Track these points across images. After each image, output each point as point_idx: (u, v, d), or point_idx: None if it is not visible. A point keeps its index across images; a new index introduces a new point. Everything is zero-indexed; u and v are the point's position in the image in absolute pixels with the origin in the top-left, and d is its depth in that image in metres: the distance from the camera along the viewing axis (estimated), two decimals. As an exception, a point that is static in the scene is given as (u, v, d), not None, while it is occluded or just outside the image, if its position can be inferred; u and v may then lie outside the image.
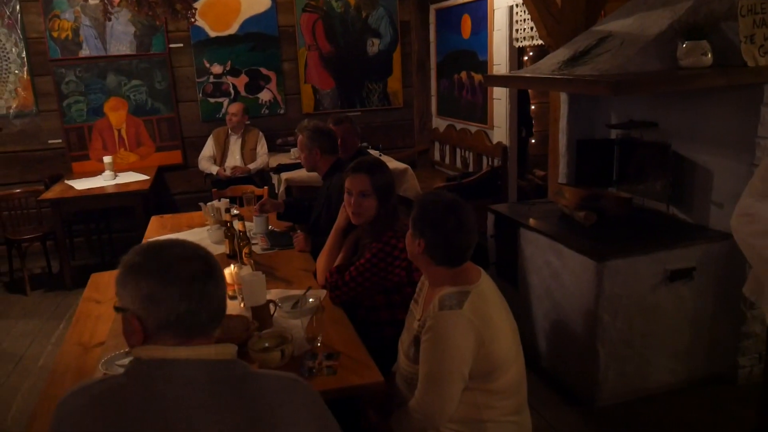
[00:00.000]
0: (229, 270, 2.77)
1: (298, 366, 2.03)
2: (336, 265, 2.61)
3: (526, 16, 4.76)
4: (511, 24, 4.97)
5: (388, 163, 3.95)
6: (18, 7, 5.70)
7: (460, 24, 5.75)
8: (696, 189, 3.25)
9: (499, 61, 5.15)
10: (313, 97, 6.41)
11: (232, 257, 3.14)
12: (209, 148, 5.91)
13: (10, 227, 5.35)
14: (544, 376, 3.40)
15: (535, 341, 3.53)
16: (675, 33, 2.97)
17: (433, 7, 6.35)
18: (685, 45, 2.90)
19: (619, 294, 2.99)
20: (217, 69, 6.15)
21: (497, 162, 5.26)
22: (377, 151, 5.29)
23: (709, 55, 2.88)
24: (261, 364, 1.98)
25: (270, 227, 3.56)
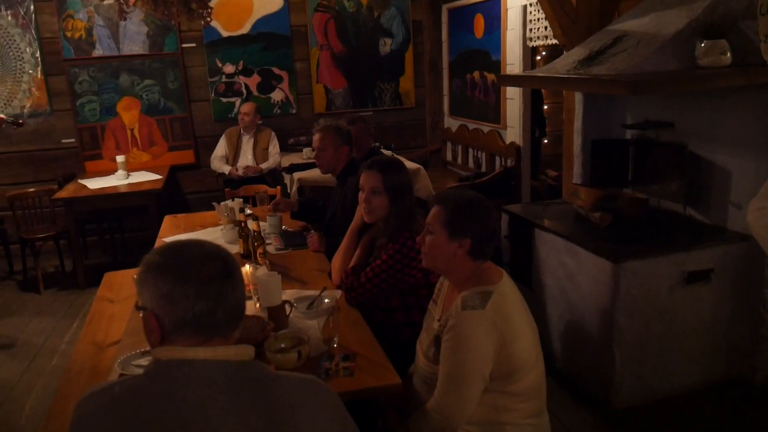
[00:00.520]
0: (244, 270, 2.77)
1: (314, 367, 2.01)
2: (352, 266, 2.60)
3: (539, 16, 4.73)
4: (524, 23, 4.95)
5: (401, 163, 3.94)
6: (32, 7, 5.73)
7: (472, 23, 5.73)
8: (714, 190, 3.21)
9: (513, 60, 5.12)
10: (325, 96, 6.41)
11: (246, 257, 3.13)
12: (221, 148, 5.91)
13: (24, 226, 5.37)
14: (559, 378, 3.38)
15: (550, 343, 3.51)
16: (693, 32, 2.94)
17: (445, 7, 6.33)
18: (703, 44, 2.87)
19: (636, 296, 2.96)
20: (229, 69, 6.16)
21: (510, 162, 5.23)
22: (389, 151, 5.27)
23: (728, 55, 2.85)
24: (277, 365, 1.97)
25: (283, 227, 3.55)
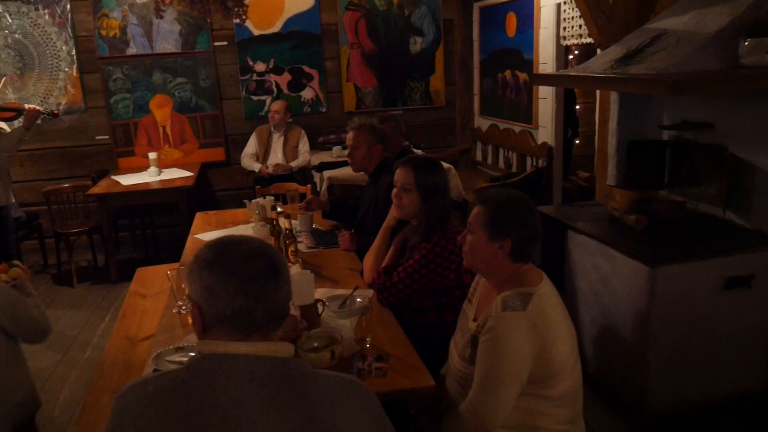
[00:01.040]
0: (276, 268, 2.77)
1: (347, 367, 2.00)
2: (384, 265, 2.58)
3: (574, 14, 4.67)
4: (558, 22, 4.88)
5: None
6: (68, 6, 5.81)
7: (504, 22, 5.67)
8: (755, 193, 3.12)
9: (546, 59, 5.06)
10: (355, 95, 6.40)
11: (278, 255, 3.13)
12: (252, 146, 5.94)
13: (59, 221, 5.46)
14: (591, 383, 3.31)
15: (582, 346, 3.43)
16: (736, 30, 2.86)
17: (476, 5, 6.28)
18: (747, 42, 2.79)
19: (673, 301, 2.90)
20: (260, 67, 6.19)
21: (542, 163, 5.17)
22: (419, 151, 5.25)
23: (773, 54, 2.77)
24: (311, 364, 1.95)
25: (314, 225, 3.55)
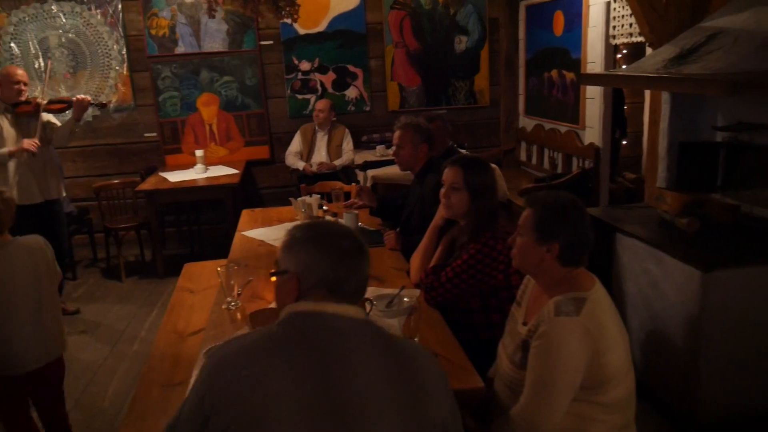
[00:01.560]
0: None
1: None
2: (432, 265, 2.58)
3: (624, 12, 4.58)
4: (607, 20, 4.80)
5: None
6: (120, 6, 5.94)
7: (552, 21, 5.60)
8: (814, 197, 3.03)
9: (594, 58, 4.98)
10: (399, 94, 6.40)
11: (323, 253, 3.15)
12: (296, 144, 5.99)
13: (108, 216, 5.59)
14: (638, 389, 3.22)
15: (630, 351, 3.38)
16: (797, 29, 2.78)
17: (523, 4, 6.21)
18: (809, 42, 2.71)
19: (727, 307, 2.82)
20: (305, 66, 6.23)
21: (588, 163, 5.09)
22: (464, 150, 5.21)
23: (837, 53, 2.68)
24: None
25: (359, 224, 3.56)
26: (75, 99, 4.39)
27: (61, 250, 4.60)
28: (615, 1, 4.68)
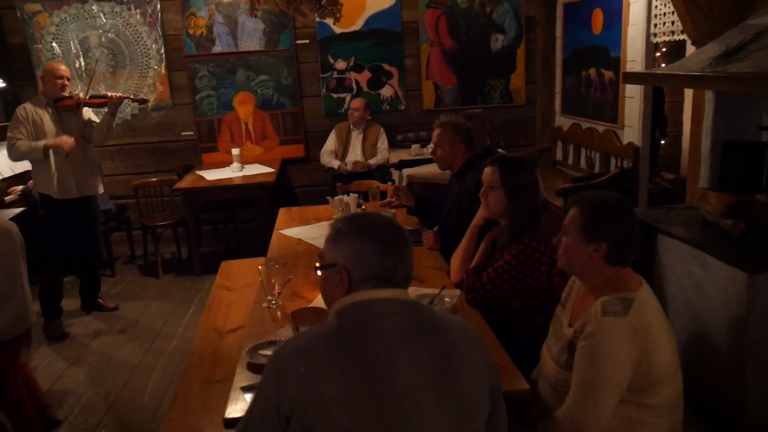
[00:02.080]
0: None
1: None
2: (473, 265, 2.56)
3: (666, 10, 4.49)
4: (648, 18, 4.71)
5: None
6: (158, 6, 6.02)
7: (590, 19, 5.52)
8: None
9: (634, 57, 4.89)
10: (434, 93, 6.38)
11: (362, 252, 3.15)
12: (331, 143, 6.01)
13: (146, 214, 5.67)
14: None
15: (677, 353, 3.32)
16: None
17: (560, 2, 6.14)
18: None
19: (774, 310, 2.75)
20: (340, 65, 6.24)
21: (627, 163, 5.01)
22: (501, 150, 5.17)
23: None
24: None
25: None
26: (110, 95, 4.45)
27: (95, 245, 4.67)
28: (656, -2, 4.60)
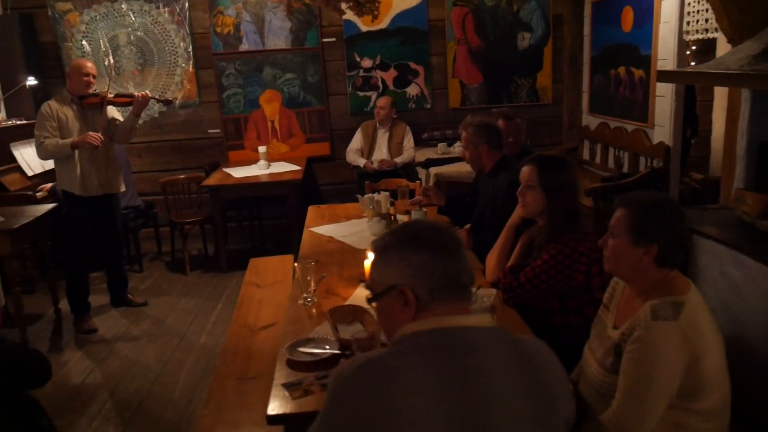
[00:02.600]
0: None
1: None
2: (510, 265, 2.54)
3: (700, 7, 4.43)
4: (681, 15, 4.65)
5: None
6: (186, 4, 6.06)
7: (620, 17, 5.46)
8: None
9: (665, 55, 4.83)
10: (461, 91, 6.35)
11: (394, 250, 3.14)
12: (357, 141, 6.01)
13: (174, 210, 5.70)
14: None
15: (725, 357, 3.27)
16: None
17: (588, 0, 6.08)
18: None
19: (815, 313, 2.71)
20: (367, 63, 6.24)
21: (657, 163, 4.95)
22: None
23: None
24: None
25: (428, 222, 3.54)
26: (136, 95, 4.44)
27: (117, 241, 4.70)
28: (689, -5, 4.54)
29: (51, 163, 5.26)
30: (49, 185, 5.24)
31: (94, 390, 3.68)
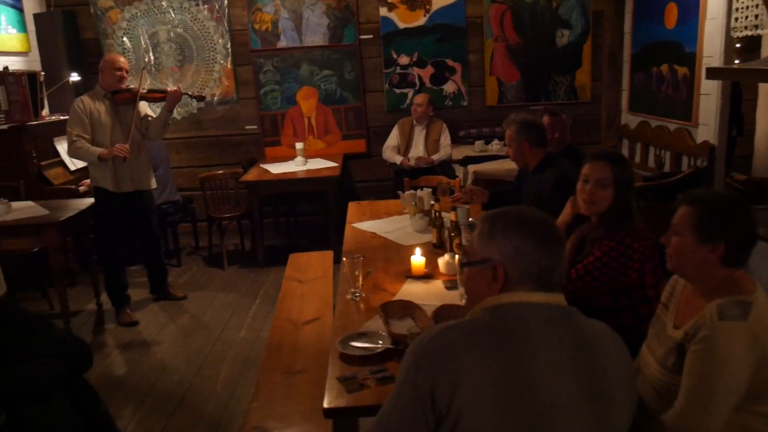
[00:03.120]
0: (444, 260, 2.76)
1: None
2: (561, 262, 2.50)
3: (749, 3, 4.33)
4: (728, 11, 4.55)
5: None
6: (226, 2, 6.11)
7: (663, 13, 5.37)
8: None
9: (711, 52, 4.73)
10: (498, 89, 6.31)
11: (439, 247, 3.13)
12: (394, 138, 6.00)
13: (212, 206, 5.75)
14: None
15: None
16: None
17: (630, -4, 6.00)
18: None
19: None
20: (404, 60, 6.23)
21: (701, 162, 4.86)
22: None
23: None
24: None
25: (471, 219, 3.51)
26: (169, 90, 4.43)
27: (152, 236, 4.73)
28: (738, -9, 4.44)
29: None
30: (87, 181, 5.31)
31: (136, 381, 3.72)
